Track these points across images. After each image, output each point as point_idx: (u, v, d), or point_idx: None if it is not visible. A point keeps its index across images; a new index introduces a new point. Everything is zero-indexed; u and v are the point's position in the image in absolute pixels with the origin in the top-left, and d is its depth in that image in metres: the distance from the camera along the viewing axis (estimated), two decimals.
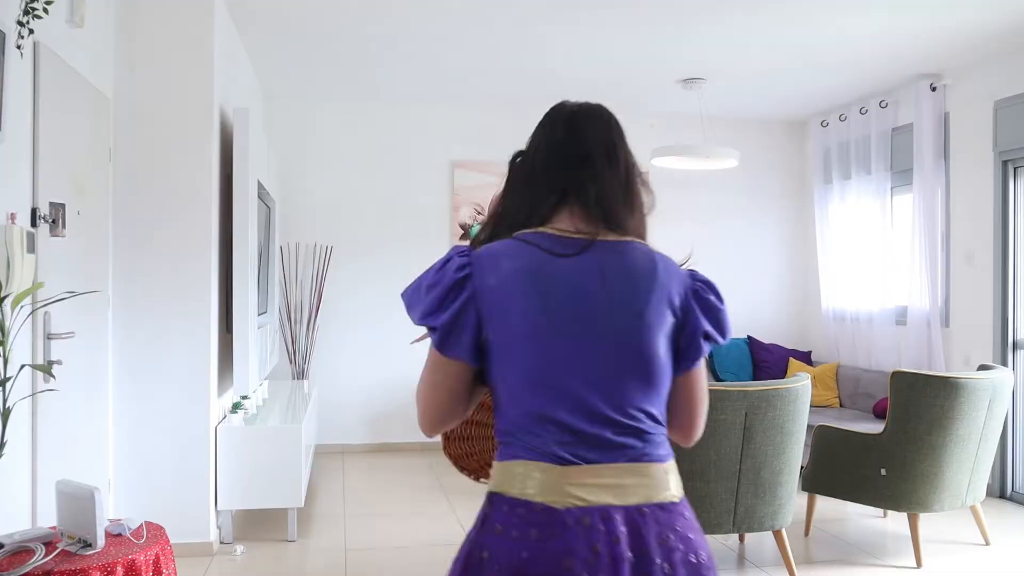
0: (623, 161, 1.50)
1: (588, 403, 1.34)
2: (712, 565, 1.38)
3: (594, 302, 1.37)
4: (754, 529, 3.71)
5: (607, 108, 1.54)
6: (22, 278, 2.61)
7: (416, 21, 4.73)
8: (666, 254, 1.52)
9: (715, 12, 4.53)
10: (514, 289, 1.36)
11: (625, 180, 1.51)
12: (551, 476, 1.32)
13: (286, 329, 6.51)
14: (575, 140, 1.47)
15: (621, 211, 1.48)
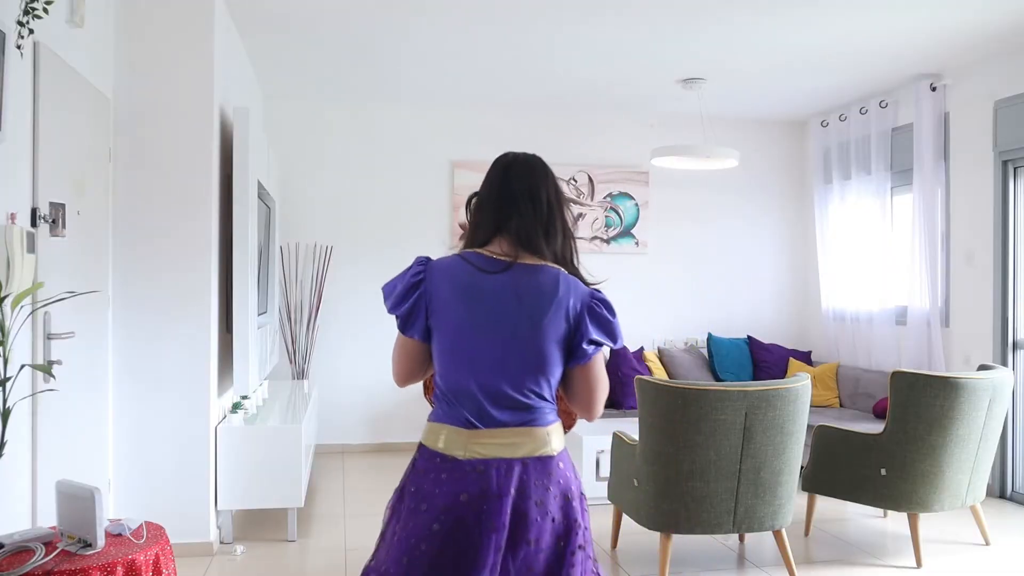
0: (544, 202, 1.94)
1: (494, 384, 1.83)
2: (580, 500, 1.88)
3: (505, 310, 1.84)
4: (754, 529, 3.71)
5: (539, 159, 2.02)
6: (22, 278, 2.61)
7: (416, 21, 4.74)
8: (574, 279, 1.92)
9: (715, 12, 4.54)
10: (450, 294, 1.88)
11: (545, 217, 1.93)
12: (460, 436, 1.83)
13: (286, 329, 6.51)
14: (507, 186, 1.97)
15: (538, 241, 1.91)
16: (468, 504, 1.77)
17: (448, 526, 1.77)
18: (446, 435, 1.85)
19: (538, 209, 1.94)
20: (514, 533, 1.78)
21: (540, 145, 6.92)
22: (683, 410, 3.56)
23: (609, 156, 7.07)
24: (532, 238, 1.92)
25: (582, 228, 6.97)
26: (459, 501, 1.77)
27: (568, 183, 6.96)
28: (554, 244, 1.94)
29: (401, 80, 6.01)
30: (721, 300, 7.25)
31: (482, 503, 1.77)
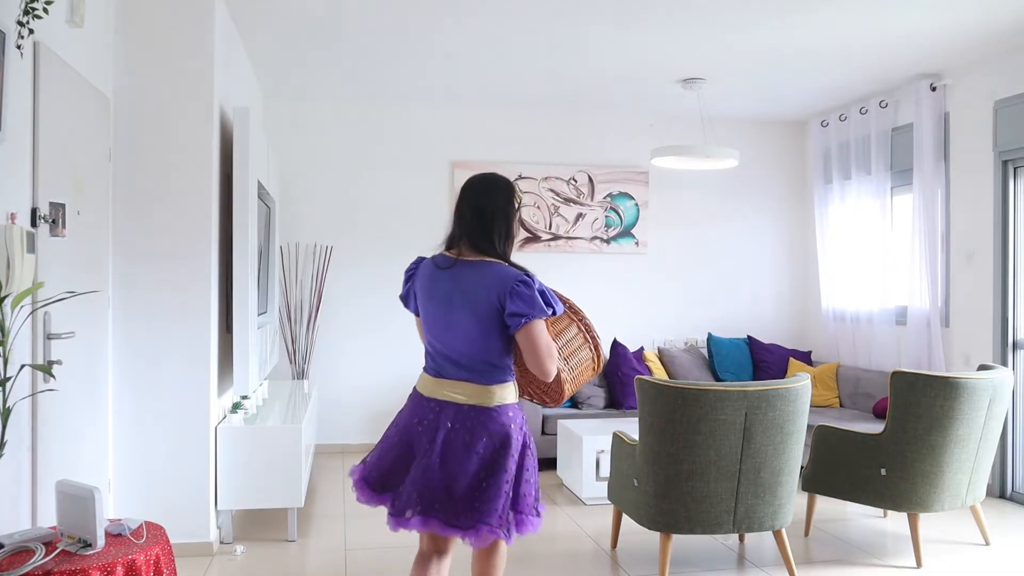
0: (489, 213, 2.62)
1: (448, 350, 2.62)
2: (517, 447, 2.59)
3: (451, 295, 2.59)
4: (754, 529, 3.71)
5: (493, 179, 2.70)
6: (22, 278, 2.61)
7: (416, 21, 4.74)
8: (512, 271, 2.57)
9: (715, 12, 4.54)
10: (420, 283, 2.70)
11: (489, 225, 2.62)
12: (429, 382, 2.68)
13: (286, 329, 6.51)
14: (462, 204, 2.67)
15: (482, 244, 2.61)
16: (419, 425, 2.64)
17: (404, 436, 2.67)
18: (422, 379, 2.71)
19: (483, 219, 2.61)
20: (444, 453, 2.56)
21: (540, 145, 6.98)
22: (683, 410, 3.56)
23: (609, 156, 7.07)
24: (477, 241, 2.61)
25: (582, 228, 6.97)
26: (413, 422, 2.65)
27: (568, 183, 6.96)
28: (498, 245, 2.62)
29: (401, 80, 6.01)
30: (721, 300, 7.25)
31: (428, 427, 2.61)
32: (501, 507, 2.54)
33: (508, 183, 2.69)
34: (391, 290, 6.74)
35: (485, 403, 2.58)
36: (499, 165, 6.83)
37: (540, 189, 6.91)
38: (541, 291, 2.54)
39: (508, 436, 2.57)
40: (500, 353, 2.59)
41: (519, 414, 2.65)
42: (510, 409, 2.62)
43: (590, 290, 6.97)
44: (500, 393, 2.60)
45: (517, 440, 2.60)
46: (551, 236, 6.93)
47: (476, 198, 2.63)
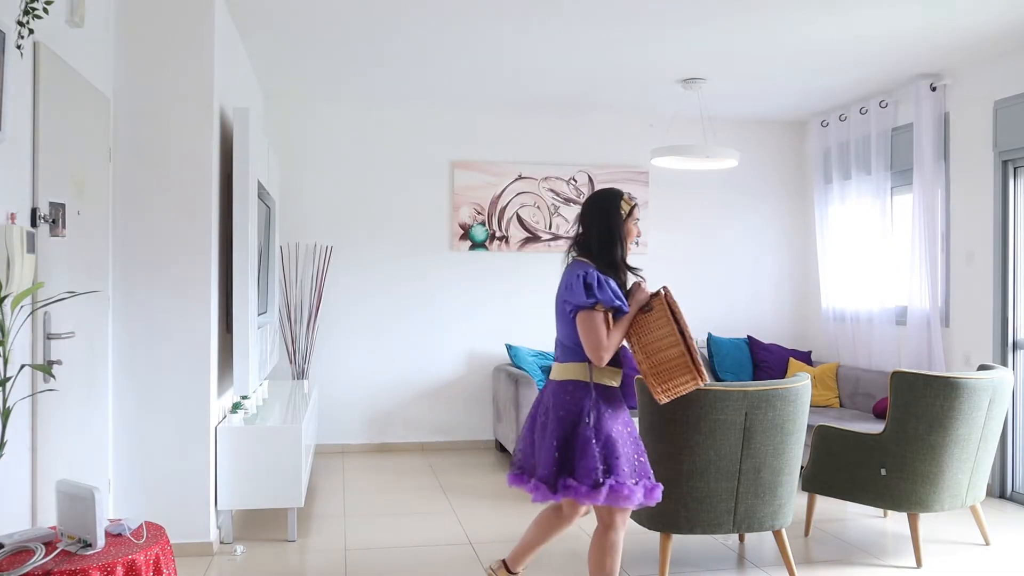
0: (582, 224, 3.21)
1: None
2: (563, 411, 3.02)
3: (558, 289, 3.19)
4: (754, 529, 3.71)
5: (596, 193, 3.23)
6: (22, 278, 2.61)
7: (416, 21, 4.74)
8: (580, 266, 3.13)
9: (716, 12, 4.54)
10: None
11: (582, 232, 3.20)
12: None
13: (286, 329, 6.51)
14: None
15: (579, 248, 3.21)
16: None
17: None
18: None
19: (580, 228, 3.21)
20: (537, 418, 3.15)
21: (540, 145, 6.99)
22: (683, 410, 3.55)
23: (609, 156, 7.07)
24: (579, 244, 3.20)
25: None
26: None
27: (568, 183, 6.96)
28: (594, 247, 3.13)
29: (402, 80, 6.01)
30: (721, 300, 7.25)
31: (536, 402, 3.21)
32: (545, 468, 2.98)
33: (606, 194, 3.16)
34: (391, 290, 6.74)
35: (558, 378, 3.09)
36: (499, 165, 6.83)
37: (540, 189, 6.91)
38: (588, 283, 2.97)
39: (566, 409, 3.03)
40: (570, 337, 3.07)
41: (582, 390, 3.02)
42: (570, 384, 3.04)
43: None
44: (564, 371, 3.09)
45: (567, 411, 3.01)
46: (551, 236, 6.93)
47: (582, 209, 3.20)
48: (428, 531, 4.60)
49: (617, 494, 2.91)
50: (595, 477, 2.90)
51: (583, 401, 2.99)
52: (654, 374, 3.01)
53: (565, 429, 2.98)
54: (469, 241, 6.81)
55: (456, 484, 5.64)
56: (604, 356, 2.98)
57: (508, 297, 6.90)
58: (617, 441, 2.97)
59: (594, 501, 2.92)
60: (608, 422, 2.98)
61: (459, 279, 6.84)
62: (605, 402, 3.01)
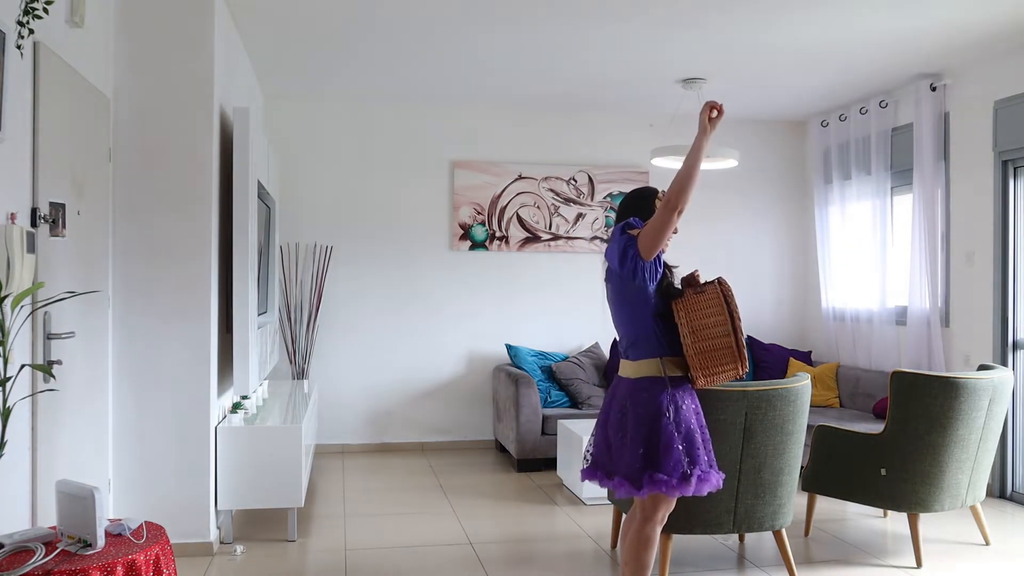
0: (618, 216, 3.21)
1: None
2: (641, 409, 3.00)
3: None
4: (754, 529, 3.71)
5: (633, 190, 3.24)
6: (22, 278, 2.61)
7: (415, 21, 4.73)
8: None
9: (715, 12, 4.54)
10: None
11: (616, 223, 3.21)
12: None
13: (286, 329, 6.51)
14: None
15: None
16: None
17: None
18: None
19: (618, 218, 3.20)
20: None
21: (540, 145, 6.99)
22: None
23: (609, 156, 7.07)
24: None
25: (582, 228, 6.97)
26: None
27: (568, 183, 6.96)
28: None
29: (402, 80, 6.01)
30: None
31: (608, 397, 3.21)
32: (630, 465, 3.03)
33: (642, 190, 3.19)
34: (391, 290, 6.74)
35: (626, 376, 3.14)
36: (499, 165, 6.83)
37: (540, 189, 6.91)
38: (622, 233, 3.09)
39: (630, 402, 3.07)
40: (638, 330, 3.12)
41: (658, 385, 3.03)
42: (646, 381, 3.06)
43: (590, 290, 6.97)
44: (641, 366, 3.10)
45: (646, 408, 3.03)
46: (551, 236, 6.93)
47: (620, 204, 3.21)
48: (428, 531, 4.60)
49: (704, 483, 2.97)
50: (683, 469, 2.95)
51: (660, 396, 3.00)
52: (697, 353, 3.01)
53: (647, 425, 3.00)
54: (469, 241, 6.81)
55: (456, 484, 5.64)
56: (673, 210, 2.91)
57: (508, 297, 6.90)
58: (696, 432, 3.03)
59: (684, 492, 2.97)
60: (685, 414, 3.02)
61: (459, 279, 6.84)
62: (679, 394, 3.04)
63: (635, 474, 2.97)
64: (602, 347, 6.76)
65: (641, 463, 2.98)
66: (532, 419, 5.89)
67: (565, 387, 6.38)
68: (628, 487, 2.98)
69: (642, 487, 2.96)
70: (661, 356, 3.02)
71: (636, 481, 2.97)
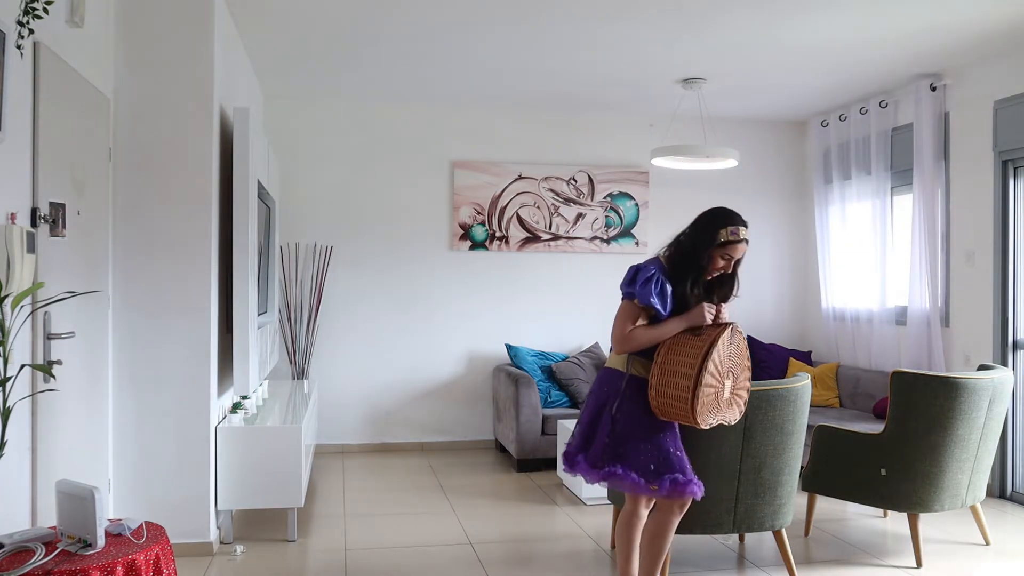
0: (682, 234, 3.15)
1: None
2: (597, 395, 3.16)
3: None
4: (754, 529, 3.71)
5: (712, 208, 3.14)
6: (22, 278, 2.61)
7: (415, 21, 4.73)
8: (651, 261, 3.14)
9: (715, 12, 4.54)
10: None
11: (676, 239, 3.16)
12: None
13: (286, 329, 6.51)
14: None
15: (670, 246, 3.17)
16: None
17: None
18: None
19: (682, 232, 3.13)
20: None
21: (540, 145, 6.98)
22: None
23: (609, 156, 7.07)
24: (669, 245, 3.16)
25: (582, 228, 6.97)
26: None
27: (568, 183, 6.96)
28: (675, 252, 3.11)
29: (402, 80, 6.01)
30: None
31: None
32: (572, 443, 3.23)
33: (714, 213, 3.10)
34: (391, 290, 6.74)
35: (606, 364, 3.25)
36: (499, 165, 6.83)
37: (540, 189, 6.91)
38: (635, 276, 3.06)
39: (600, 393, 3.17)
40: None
41: (616, 378, 3.13)
42: (608, 371, 3.19)
43: (590, 290, 6.98)
44: (612, 358, 3.20)
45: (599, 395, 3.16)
46: (551, 236, 6.93)
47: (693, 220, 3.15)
48: (428, 531, 4.60)
49: (619, 481, 3.03)
50: (601, 459, 3.05)
51: (614, 389, 3.10)
52: (656, 395, 3.03)
53: (593, 412, 3.14)
54: (469, 241, 6.81)
55: (456, 484, 5.64)
56: (621, 346, 3.08)
57: (508, 297, 6.90)
58: (634, 434, 3.04)
59: (592, 480, 3.08)
60: (630, 415, 3.06)
61: (459, 279, 6.84)
62: (635, 394, 3.07)
63: (569, 454, 3.17)
64: (602, 347, 6.76)
65: (578, 443, 3.15)
66: (532, 419, 5.89)
67: (565, 387, 6.37)
68: (568, 462, 3.18)
69: (574, 467, 3.13)
70: (630, 354, 3.10)
71: (570, 458, 3.15)
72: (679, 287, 3.05)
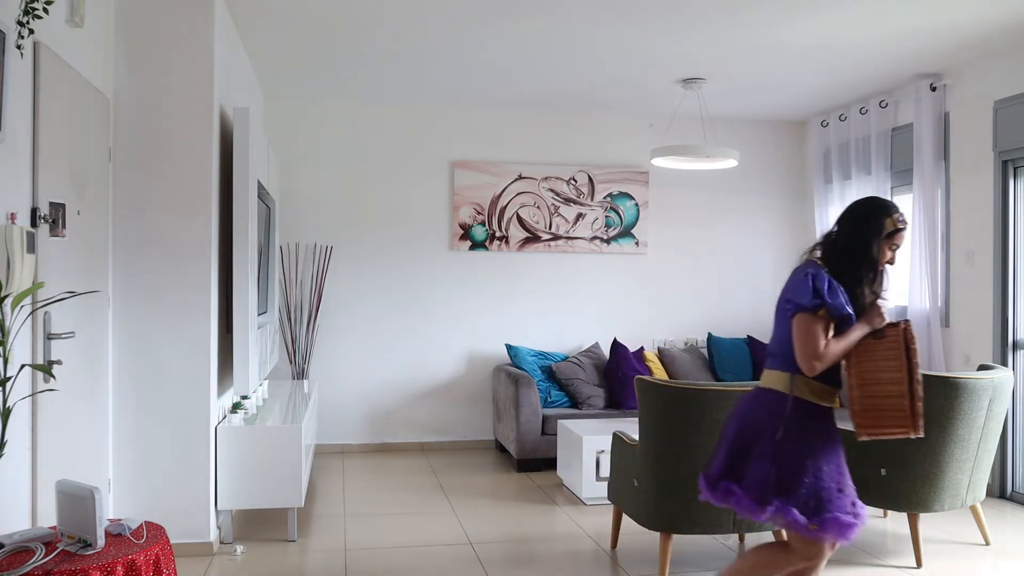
0: (837, 225, 2.83)
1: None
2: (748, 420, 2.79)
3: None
4: (754, 529, 3.71)
5: (864, 199, 2.90)
6: (22, 278, 2.61)
7: (415, 21, 4.73)
8: (811, 265, 2.76)
9: (715, 12, 4.54)
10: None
11: (832, 234, 2.82)
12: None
13: (286, 329, 6.51)
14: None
15: (823, 248, 2.82)
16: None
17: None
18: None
19: (837, 227, 2.82)
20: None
21: (540, 145, 6.98)
22: (683, 410, 3.55)
23: (609, 156, 7.07)
24: (825, 245, 2.82)
25: (582, 228, 6.97)
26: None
27: (568, 183, 6.96)
28: (834, 251, 2.78)
29: (401, 80, 6.01)
30: (721, 300, 7.24)
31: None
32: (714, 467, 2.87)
33: (872, 202, 2.85)
34: (391, 290, 6.74)
35: (761, 384, 2.84)
36: (499, 165, 6.83)
37: (540, 189, 6.91)
38: (817, 285, 2.65)
39: (756, 416, 2.77)
40: (781, 342, 2.75)
41: (778, 401, 2.72)
42: (766, 393, 2.77)
43: (590, 290, 6.98)
44: (770, 377, 2.80)
45: (764, 423, 2.74)
46: (551, 236, 6.93)
47: (844, 211, 2.87)
48: (428, 531, 4.60)
49: (784, 517, 2.64)
50: (762, 493, 2.66)
51: (772, 411, 2.71)
52: (863, 410, 2.71)
53: (745, 436, 2.76)
54: (469, 241, 6.81)
55: (456, 484, 5.64)
56: (816, 366, 2.65)
57: (508, 297, 6.90)
58: (800, 465, 2.67)
59: (754, 515, 2.70)
60: (797, 444, 2.68)
61: (459, 279, 6.84)
62: (801, 420, 2.70)
63: (714, 476, 2.80)
64: (602, 347, 6.76)
65: (724, 468, 2.77)
66: (532, 419, 5.89)
67: (565, 387, 6.37)
68: (706, 489, 2.84)
69: (716, 490, 2.79)
70: (793, 373, 2.71)
71: (713, 483, 2.80)
72: (855, 288, 2.73)
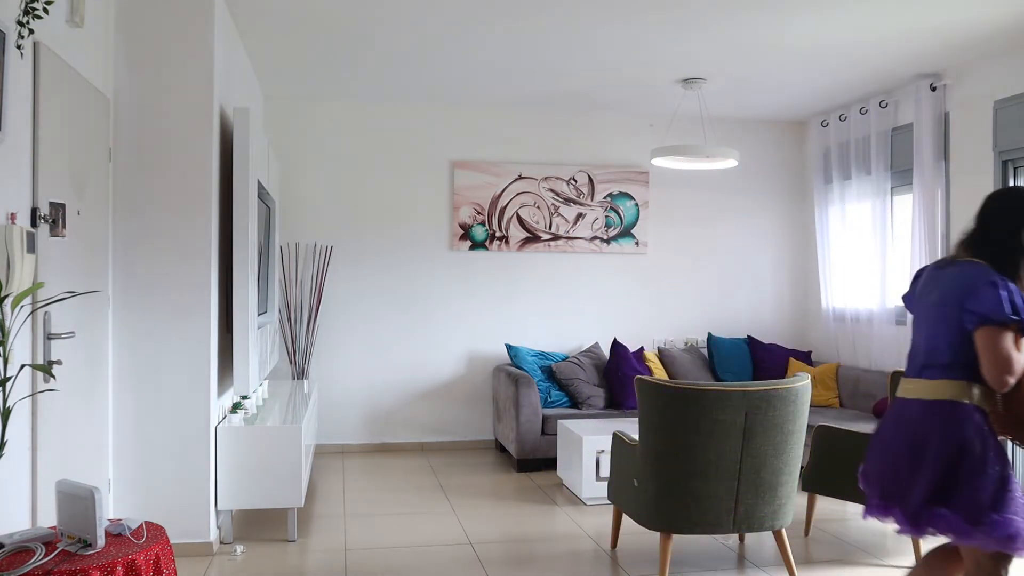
0: (984, 220, 2.67)
1: (915, 348, 2.75)
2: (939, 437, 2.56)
3: (931, 293, 2.69)
4: (754, 529, 3.71)
5: (1011, 189, 2.97)
6: (22, 278, 2.62)
7: (415, 21, 4.73)
8: (988, 271, 2.56)
9: (716, 12, 4.54)
10: (921, 285, 2.81)
11: (978, 230, 2.66)
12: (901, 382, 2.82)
13: (286, 329, 6.51)
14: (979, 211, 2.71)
15: (973, 247, 2.65)
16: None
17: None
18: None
19: (983, 225, 2.66)
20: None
21: (540, 145, 6.98)
22: (683, 410, 3.56)
23: (609, 156, 7.07)
24: (975, 243, 2.64)
25: (582, 228, 6.97)
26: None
27: (568, 183, 6.96)
28: (990, 249, 2.60)
29: (402, 80, 6.01)
30: (721, 300, 7.25)
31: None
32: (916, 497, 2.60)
33: (1017, 199, 2.68)
34: (391, 290, 6.74)
35: (924, 395, 2.65)
36: (499, 165, 6.83)
37: (540, 189, 6.91)
38: (1011, 298, 2.48)
39: (932, 431, 2.59)
40: (954, 350, 2.59)
41: (968, 413, 2.56)
42: (949, 405, 2.58)
43: (590, 290, 6.98)
44: (940, 387, 2.62)
45: (965, 437, 2.55)
46: (551, 236, 6.93)
47: (990, 204, 2.69)
48: (428, 531, 4.60)
49: (1001, 530, 2.48)
50: (977, 512, 2.50)
51: (966, 425, 2.56)
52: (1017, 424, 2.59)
53: (945, 457, 2.56)
54: (469, 241, 6.81)
55: (456, 484, 5.64)
56: (1009, 381, 2.51)
57: (508, 297, 6.90)
58: (1008, 476, 2.54)
59: (966, 538, 2.53)
60: (995, 454, 2.55)
61: (459, 279, 6.84)
62: (990, 428, 2.60)
63: (918, 508, 2.58)
64: (602, 347, 6.76)
65: (929, 496, 2.57)
66: (532, 419, 5.89)
67: (565, 387, 6.37)
68: (906, 523, 2.62)
69: (920, 523, 2.59)
70: (969, 380, 2.57)
71: (916, 517, 2.59)
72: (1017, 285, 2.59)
